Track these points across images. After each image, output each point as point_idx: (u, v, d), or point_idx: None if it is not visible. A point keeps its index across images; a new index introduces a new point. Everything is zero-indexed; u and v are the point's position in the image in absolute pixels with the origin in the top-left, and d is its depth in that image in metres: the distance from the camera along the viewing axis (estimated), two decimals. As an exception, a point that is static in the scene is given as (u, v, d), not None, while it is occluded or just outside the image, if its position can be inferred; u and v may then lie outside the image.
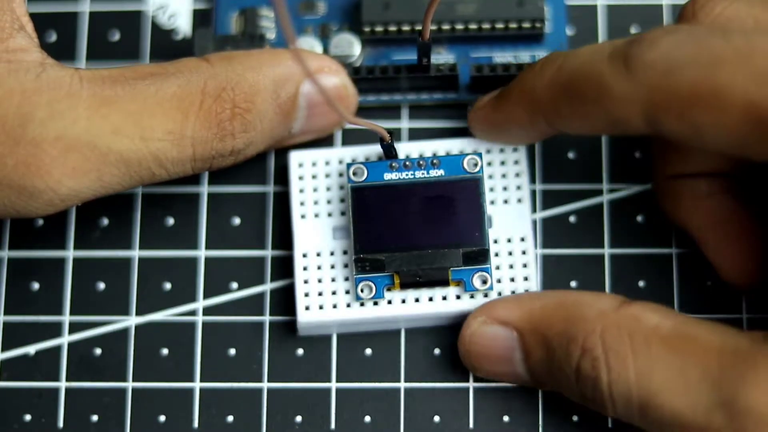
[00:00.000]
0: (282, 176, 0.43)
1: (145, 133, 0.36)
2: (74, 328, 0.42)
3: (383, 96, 0.43)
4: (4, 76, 0.36)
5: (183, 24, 0.45)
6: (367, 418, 0.41)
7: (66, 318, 0.42)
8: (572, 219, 0.42)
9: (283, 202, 0.43)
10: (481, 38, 0.43)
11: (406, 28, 0.43)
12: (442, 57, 0.43)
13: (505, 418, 0.41)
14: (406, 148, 0.41)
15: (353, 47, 0.43)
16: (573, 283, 0.42)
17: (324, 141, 0.43)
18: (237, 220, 0.43)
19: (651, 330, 0.36)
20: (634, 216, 0.42)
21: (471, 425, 0.41)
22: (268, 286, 0.42)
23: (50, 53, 0.38)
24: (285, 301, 0.42)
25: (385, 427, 0.41)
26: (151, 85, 0.37)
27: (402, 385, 0.41)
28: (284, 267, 0.42)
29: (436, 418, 0.41)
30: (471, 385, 0.41)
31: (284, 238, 0.43)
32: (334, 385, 0.41)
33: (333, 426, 0.41)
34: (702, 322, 0.36)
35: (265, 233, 0.43)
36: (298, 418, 0.41)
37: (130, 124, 0.36)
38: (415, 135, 0.43)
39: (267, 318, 0.42)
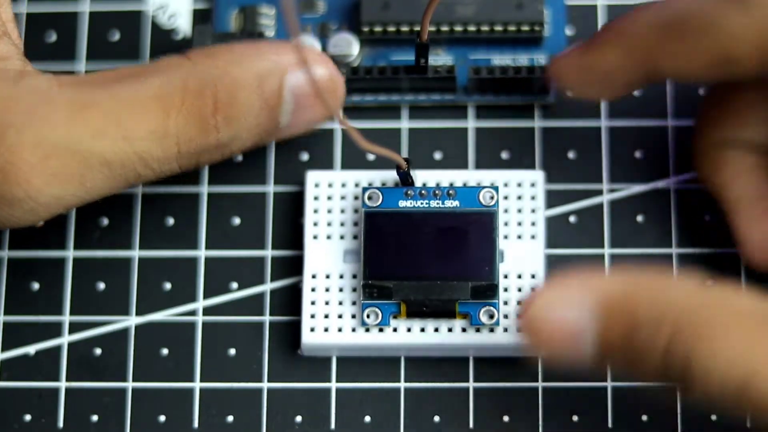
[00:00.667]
0: (283, 176, 0.43)
1: (128, 133, 0.36)
2: (74, 328, 0.42)
3: (381, 96, 0.43)
4: None
5: (183, 24, 0.45)
6: (367, 418, 0.41)
7: (66, 318, 0.42)
8: (572, 219, 0.42)
9: (283, 202, 0.43)
10: (479, 40, 0.43)
11: (405, 28, 0.43)
12: (440, 58, 0.43)
13: (505, 418, 0.41)
14: (423, 176, 0.41)
15: (352, 47, 0.43)
16: (573, 284, 0.42)
17: (342, 163, 0.43)
18: (237, 220, 0.43)
19: (744, 309, 0.34)
20: (634, 216, 0.42)
21: (471, 425, 0.41)
22: (268, 286, 0.42)
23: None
24: (285, 301, 0.42)
25: (386, 427, 0.41)
26: (130, 85, 0.36)
27: (402, 385, 0.41)
28: (284, 267, 0.42)
29: (436, 418, 0.41)
30: (471, 385, 0.41)
31: (284, 238, 0.43)
32: (334, 385, 0.41)
33: (333, 426, 0.41)
34: None
35: (265, 233, 0.43)
36: (298, 418, 0.41)
37: (111, 125, 0.36)
38: (415, 135, 0.43)
39: (267, 318, 0.42)
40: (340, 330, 0.40)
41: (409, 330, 0.40)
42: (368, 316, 0.40)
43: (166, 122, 0.36)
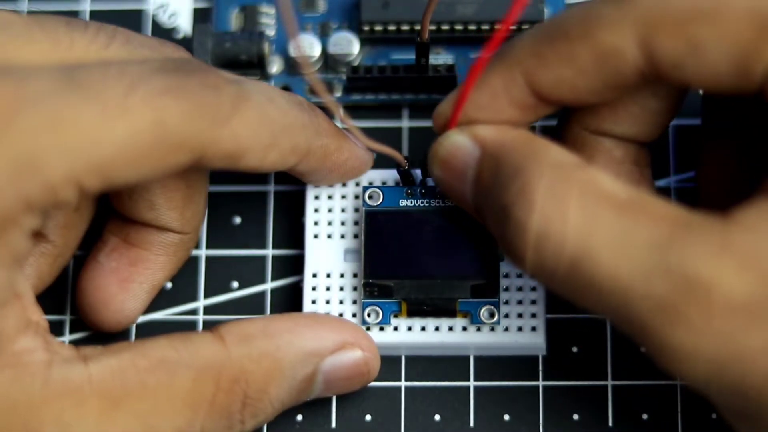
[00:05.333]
0: (284, 175, 0.43)
1: (153, 430, 0.35)
2: (75, 327, 0.42)
3: (381, 95, 0.43)
4: (10, 386, 0.34)
5: (183, 23, 0.45)
6: (368, 417, 0.41)
7: (67, 318, 0.42)
8: (572, 218, 0.42)
9: (284, 201, 0.43)
10: (480, 39, 0.43)
11: (405, 27, 0.43)
12: (441, 57, 0.43)
13: (506, 417, 0.41)
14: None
15: (352, 46, 0.43)
16: (573, 282, 0.42)
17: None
18: (238, 219, 0.43)
19: (604, 191, 0.34)
20: (634, 215, 0.42)
21: (472, 424, 0.41)
22: (268, 285, 0.42)
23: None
24: (286, 300, 0.42)
25: (386, 425, 0.41)
26: (162, 377, 0.35)
27: (403, 383, 0.41)
28: (285, 266, 0.42)
29: (437, 417, 0.41)
30: (472, 384, 0.41)
31: (285, 237, 0.43)
32: (335, 383, 0.42)
33: (334, 425, 0.41)
34: (662, 197, 0.34)
35: (265, 232, 0.43)
36: (299, 418, 0.41)
37: (139, 426, 0.35)
38: (416, 134, 0.43)
39: (268, 317, 0.42)
40: (340, 329, 0.40)
41: (409, 329, 0.40)
42: (369, 315, 0.40)
43: (194, 420, 0.36)
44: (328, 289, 0.41)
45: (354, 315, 0.40)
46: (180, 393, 0.35)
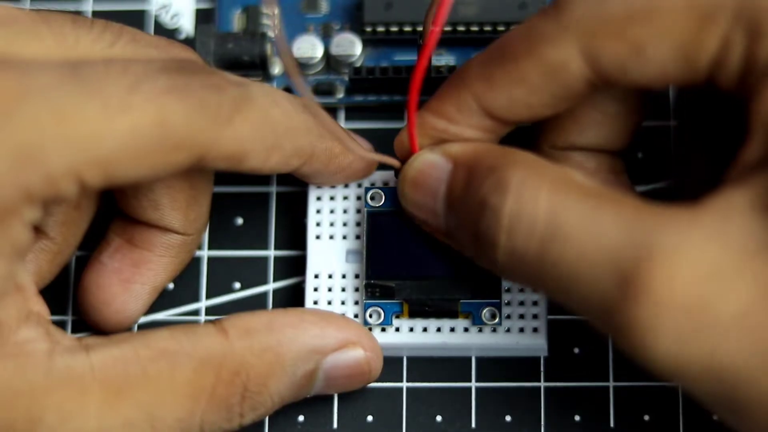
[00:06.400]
0: (286, 176, 0.43)
1: (156, 422, 0.35)
2: (76, 327, 0.42)
3: (383, 96, 0.43)
4: (12, 376, 0.34)
5: (186, 23, 0.45)
6: (370, 418, 0.41)
7: (68, 318, 0.42)
8: (574, 219, 0.42)
9: (286, 202, 0.43)
10: (482, 40, 0.43)
11: (407, 28, 0.43)
12: (443, 58, 0.43)
13: (507, 418, 0.41)
14: None
15: (354, 47, 0.43)
16: (575, 283, 0.42)
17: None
18: (240, 220, 0.43)
19: (575, 182, 0.34)
20: (636, 216, 0.42)
21: (473, 425, 0.41)
22: (270, 286, 0.43)
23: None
24: (288, 301, 0.42)
25: (388, 426, 0.41)
26: (164, 367, 0.36)
27: (404, 384, 0.41)
28: (287, 267, 0.42)
29: (439, 418, 0.41)
30: (473, 384, 0.41)
31: (287, 238, 0.43)
32: (336, 384, 0.42)
33: (335, 425, 0.41)
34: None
35: (267, 233, 0.43)
36: (301, 418, 0.41)
37: (141, 416, 0.35)
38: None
39: (270, 318, 0.42)
40: (342, 329, 0.40)
41: (411, 329, 0.40)
42: (371, 316, 0.40)
43: (194, 410, 0.36)
44: (329, 289, 0.41)
45: (356, 316, 0.40)
46: (181, 383, 0.36)
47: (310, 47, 0.43)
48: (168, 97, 0.34)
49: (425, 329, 0.40)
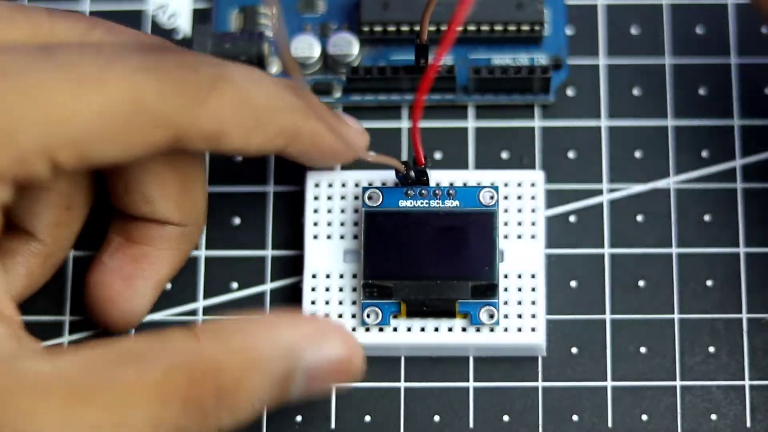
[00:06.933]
0: (283, 176, 0.43)
1: (124, 427, 0.34)
2: (74, 327, 0.42)
3: (381, 96, 0.43)
4: None
5: (183, 23, 0.45)
6: (367, 418, 0.41)
7: (66, 318, 0.42)
8: (572, 219, 0.42)
9: (283, 201, 0.43)
10: (479, 40, 0.43)
11: (405, 28, 0.43)
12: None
13: (505, 418, 0.41)
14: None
15: (352, 47, 0.43)
16: (573, 283, 0.42)
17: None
18: (237, 220, 0.43)
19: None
20: (634, 216, 0.42)
21: (471, 425, 0.41)
22: (268, 286, 0.42)
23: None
24: (285, 301, 0.42)
25: (385, 426, 0.41)
26: (131, 370, 0.34)
27: (402, 384, 0.41)
28: (285, 267, 0.42)
29: (436, 418, 0.41)
30: (471, 384, 0.41)
31: (285, 238, 0.43)
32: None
33: (333, 426, 0.41)
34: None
35: (265, 233, 0.43)
36: (299, 418, 0.41)
37: (106, 419, 0.34)
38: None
39: (267, 318, 0.42)
40: (340, 330, 0.40)
41: (409, 329, 0.40)
42: (368, 316, 0.40)
43: (164, 414, 0.34)
44: (327, 289, 0.41)
45: (353, 316, 0.40)
46: (150, 385, 0.34)
47: (307, 47, 0.43)
48: (142, 74, 0.34)
49: (423, 329, 0.40)
